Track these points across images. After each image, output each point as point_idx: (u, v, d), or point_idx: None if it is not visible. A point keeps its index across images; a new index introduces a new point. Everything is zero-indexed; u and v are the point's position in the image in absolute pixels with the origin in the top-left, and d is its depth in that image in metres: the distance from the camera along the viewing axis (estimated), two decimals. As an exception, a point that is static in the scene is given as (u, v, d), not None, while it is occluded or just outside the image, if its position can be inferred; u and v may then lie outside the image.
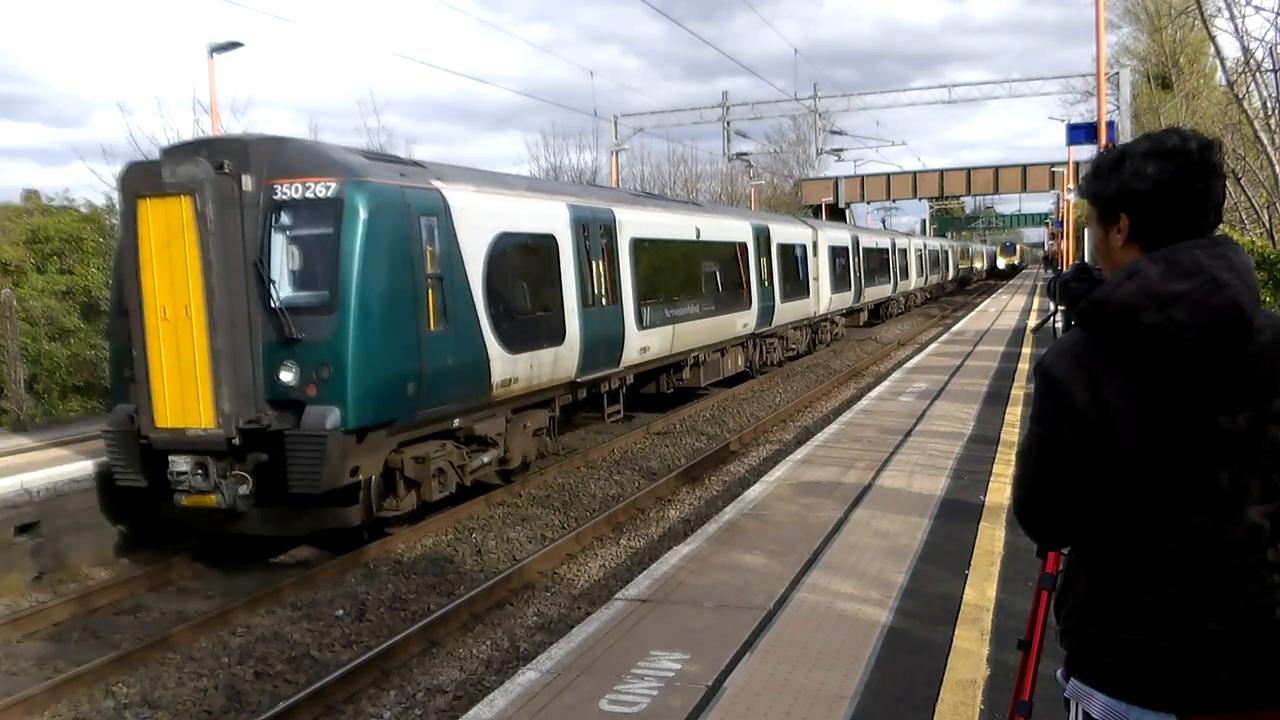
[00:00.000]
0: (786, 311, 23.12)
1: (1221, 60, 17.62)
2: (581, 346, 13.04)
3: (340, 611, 8.33)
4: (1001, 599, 5.67)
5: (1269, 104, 16.11)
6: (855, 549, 6.77)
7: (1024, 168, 53.72)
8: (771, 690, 4.56)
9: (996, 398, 13.66)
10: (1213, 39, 17.41)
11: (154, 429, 9.00)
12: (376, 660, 6.99)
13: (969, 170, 56.17)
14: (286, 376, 8.97)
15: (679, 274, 17.02)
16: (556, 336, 12.48)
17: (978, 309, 37.37)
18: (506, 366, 11.20)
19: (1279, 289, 15.07)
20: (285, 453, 8.84)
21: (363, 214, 9.17)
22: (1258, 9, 24.43)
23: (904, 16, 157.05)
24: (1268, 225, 18.82)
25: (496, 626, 7.93)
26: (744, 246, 20.44)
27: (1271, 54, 14.90)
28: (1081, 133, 19.20)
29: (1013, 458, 8.62)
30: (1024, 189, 56.37)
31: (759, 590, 5.95)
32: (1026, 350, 19.80)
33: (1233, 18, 15.08)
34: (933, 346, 22.59)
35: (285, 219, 9.19)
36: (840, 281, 29.14)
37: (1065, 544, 2.13)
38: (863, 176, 55.99)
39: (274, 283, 9.03)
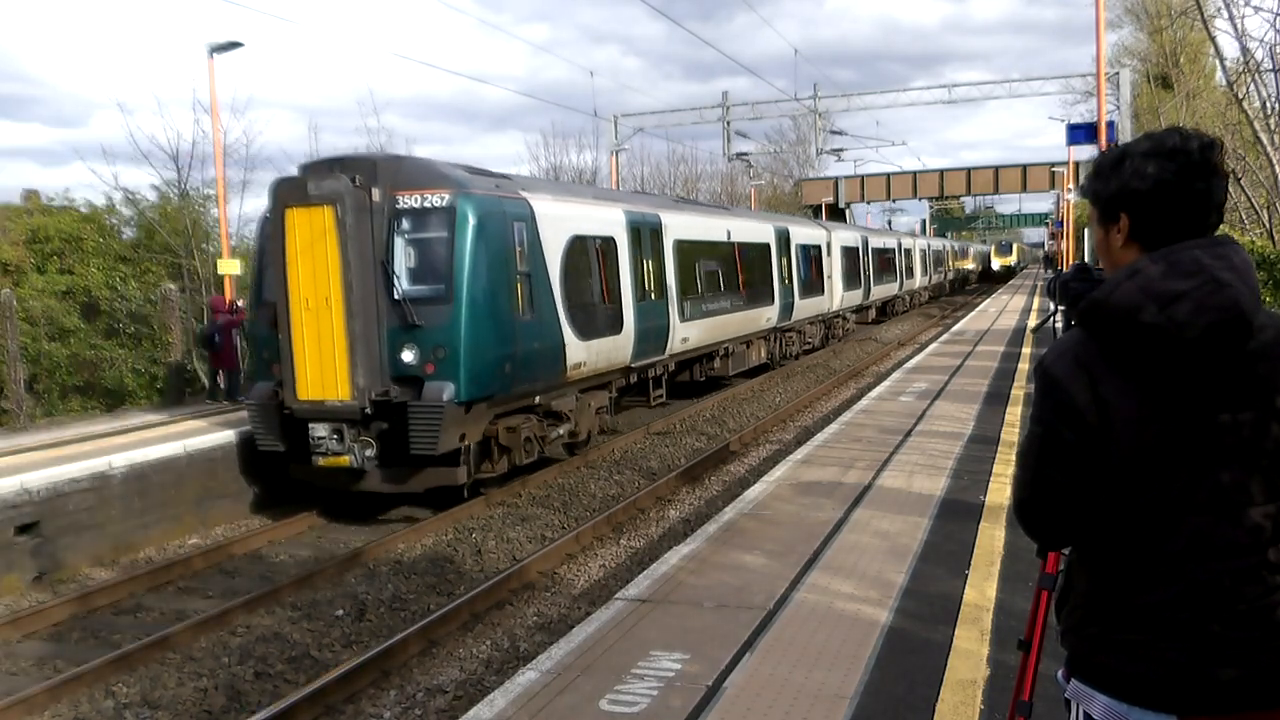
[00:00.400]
0: (804, 307, 24.84)
1: (1221, 61, 17.62)
2: (635, 335, 14.80)
3: (340, 611, 8.33)
4: (1001, 599, 5.67)
5: (1269, 104, 16.11)
6: (855, 549, 6.77)
7: (1024, 168, 53.73)
8: (771, 690, 4.56)
9: (996, 398, 13.66)
10: (1212, 39, 17.42)
11: (297, 401, 10.68)
12: (376, 660, 6.98)
13: (969, 170, 56.16)
14: (408, 357, 10.64)
15: (713, 272, 18.65)
16: (616, 326, 14.20)
17: (978, 309, 37.37)
18: (578, 351, 12.94)
19: (1279, 289, 15.07)
20: (408, 421, 10.44)
21: (471, 220, 10.89)
22: (1257, 9, 24.35)
23: (904, 16, 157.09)
24: (1268, 225, 18.82)
25: (496, 626, 7.93)
26: (767, 247, 22.12)
27: (1271, 54, 14.90)
28: (1081, 133, 19.21)
29: (1013, 458, 8.62)
30: (1024, 189, 56.37)
31: (759, 590, 5.95)
32: (1026, 350, 19.80)
33: (1232, 18, 15.09)
34: (933, 346, 22.59)
35: (406, 224, 10.89)
36: (851, 280, 30.77)
37: (1065, 544, 2.13)
38: (863, 176, 55.99)
39: (397, 277, 10.72)
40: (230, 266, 17.45)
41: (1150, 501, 1.89)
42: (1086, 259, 26.16)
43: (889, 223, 70.51)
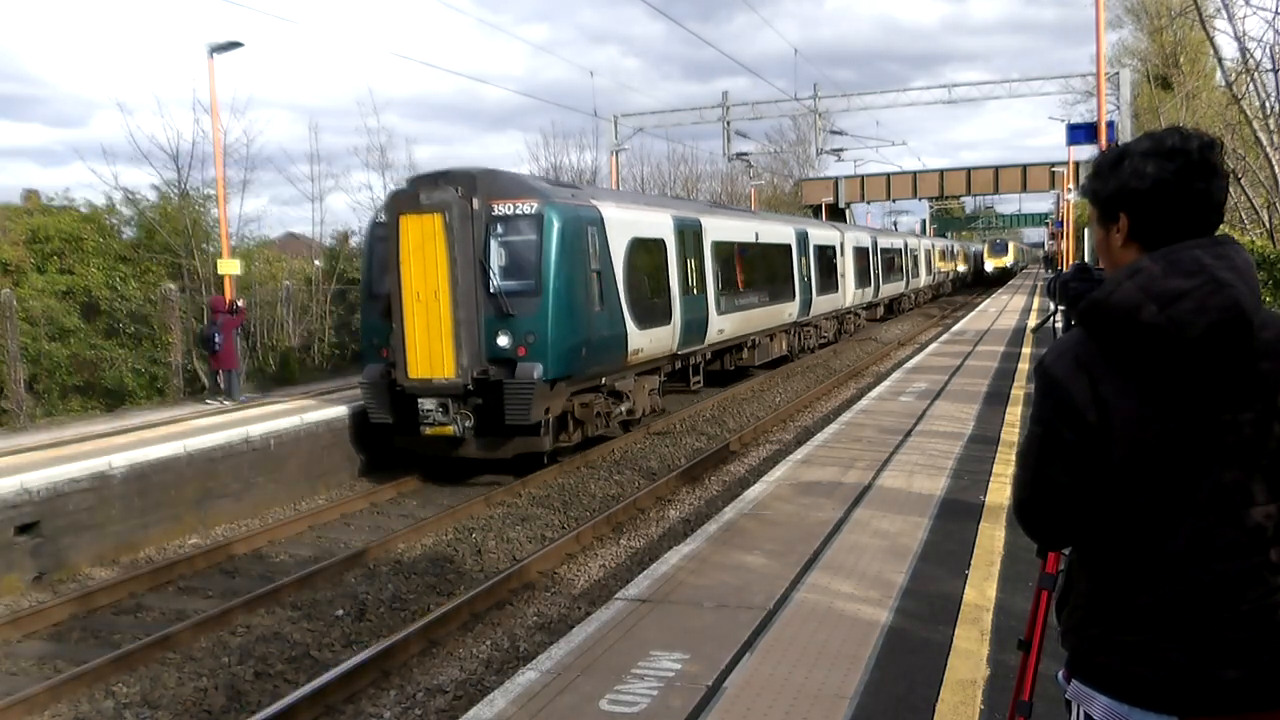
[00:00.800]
0: (821, 304, 26.70)
1: (1220, 61, 17.60)
2: (681, 326, 16.56)
3: (340, 611, 8.34)
4: (1001, 599, 5.67)
5: (1268, 104, 16.10)
6: (855, 549, 6.77)
7: (1024, 168, 53.69)
8: (771, 690, 4.55)
9: (996, 398, 13.65)
10: (1211, 40, 17.40)
11: (408, 379, 12.37)
12: (376, 660, 6.98)
13: (969, 170, 56.13)
14: (503, 341, 12.42)
15: (744, 270, 20.42)
16: (666, 317, 15.97)
17: (978, 309, 37.34)
18: (637, 339, 14.75)
19: (1279, 289, 15.05)
20: (504, 396, 12.16)
21: (556, 225, 12.66)
22: (1256, 10, 24.32)
23: (903, 16, 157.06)
24: (1268, 225, 18.80)
25: (496, 626, 7.92)
26: (789, 247, 24.06)
27: (1270, 54, 14.89)
28: (1081, 133, 19.19)
29: (1013, 458, 8.62)
30: (1024, 189, 56.34)
31: (759, 590, 5.95)
32: (1026, 350, 19.79)
33: (1231, 18, 15.08)
34: (933, 346, 22.58)
35: (500, 229, 12.65)
36: (862, 278, 32.64)
37: (1065, 544, 2.12)
38: (863, 176, 55.95)
39: (493, 274, 12.48)
40: (230, 266, 17.43)
41: (1151, 502, 1.89)
42: (1086, 259, 26.18)
43: (894, 224, 70.74)
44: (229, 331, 15.58)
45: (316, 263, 25.39)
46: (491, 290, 12.41)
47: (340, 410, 13.75)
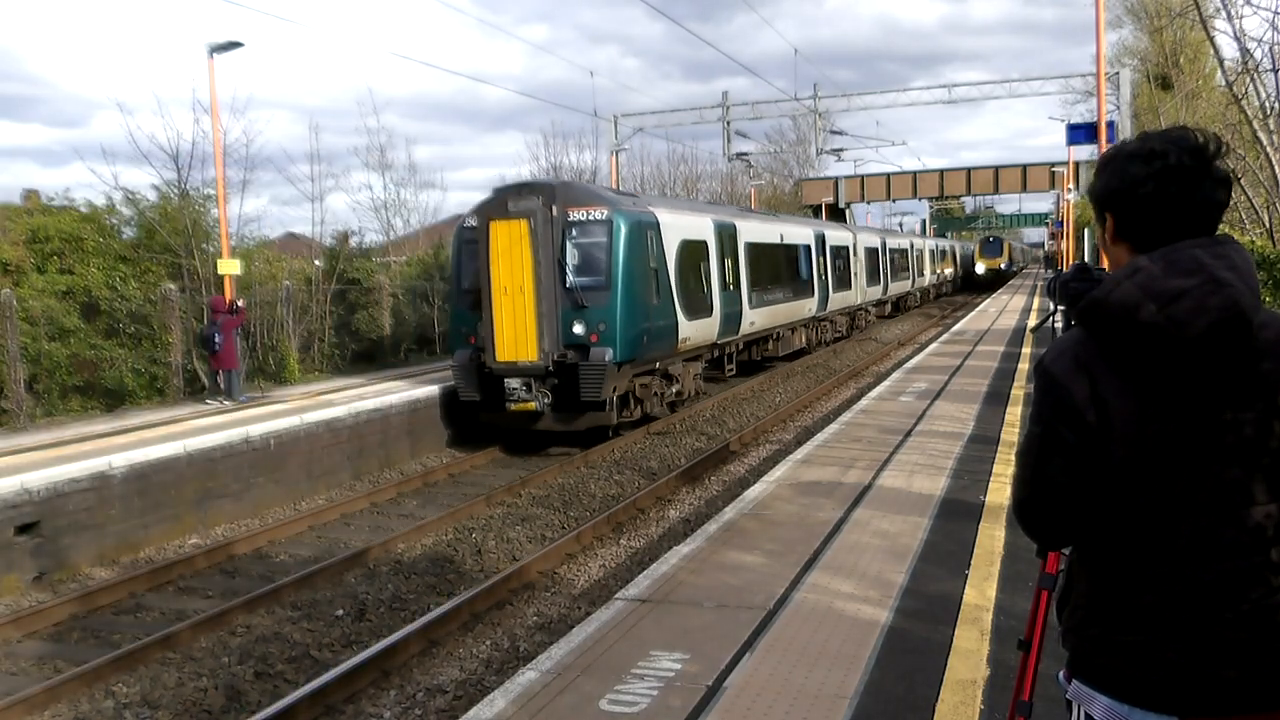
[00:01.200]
0: (836, 300, 28.77)
1: (1220, 61, 17.59)
2: (720, 318, 18.53)
3: (340, 611, 8.34)
4: (1001, 599, 5.67)
5: (1268, 104, 16.09)
6: (855, 549, 6.77)
7: (1024, 168, 53.65)
8: (771, 690, 4.55)
9: (996, 397, 13.65)
10: (1211, 40, 17.40)
11: (496, 362, 14.37)
12: (376, 660, 6.98)
13: (969, 170, 56.08)
14: (578, 329, 14.31)
15: (772, 268, 22.54)
16: (708, 310, 17.94)
17: (978, 309, 37.34)
18: (686, 329, 16.77)
19: (1279, 289, 15.04)
20: (579, 377, 14.04)
21: (624, 229, 14.64)
22: (1255, 9, 24.31)
23: (903, 16, 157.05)
24: (1268, 225, 18.79)
25: (496, 626, 7.92)
26: (809, 248, 26.13)
27: (1270, 54, 14.89)
28: (1081, 133, 19.20)
29: (1013, 458, 8.61)
30: (1024, 189, 56.28)
31: (759, 590, 5.95)
32: (1026, 350, 19.79)
33: (1230, 18, 15.08)
34: (933, 346, 22.58)
35: (575, 232, 14.50)
36: (873, 277, 34.89)
37: (1065, 544, 2.12)
38: (863, 176, 55.91)
39: (569, 271, 14.35)
40: (230, 266, 17.42)
41: (1151, 501, 1.89)
42: (1086, 258, 26.19)
43: (900, 224, 70.80)
44: (229, 332, 15.56)
45: (316, 263, 25.37)
46: (568, 285, 14.31)
47: (339, 411, 13.77)
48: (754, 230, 21.61)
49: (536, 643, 7.37)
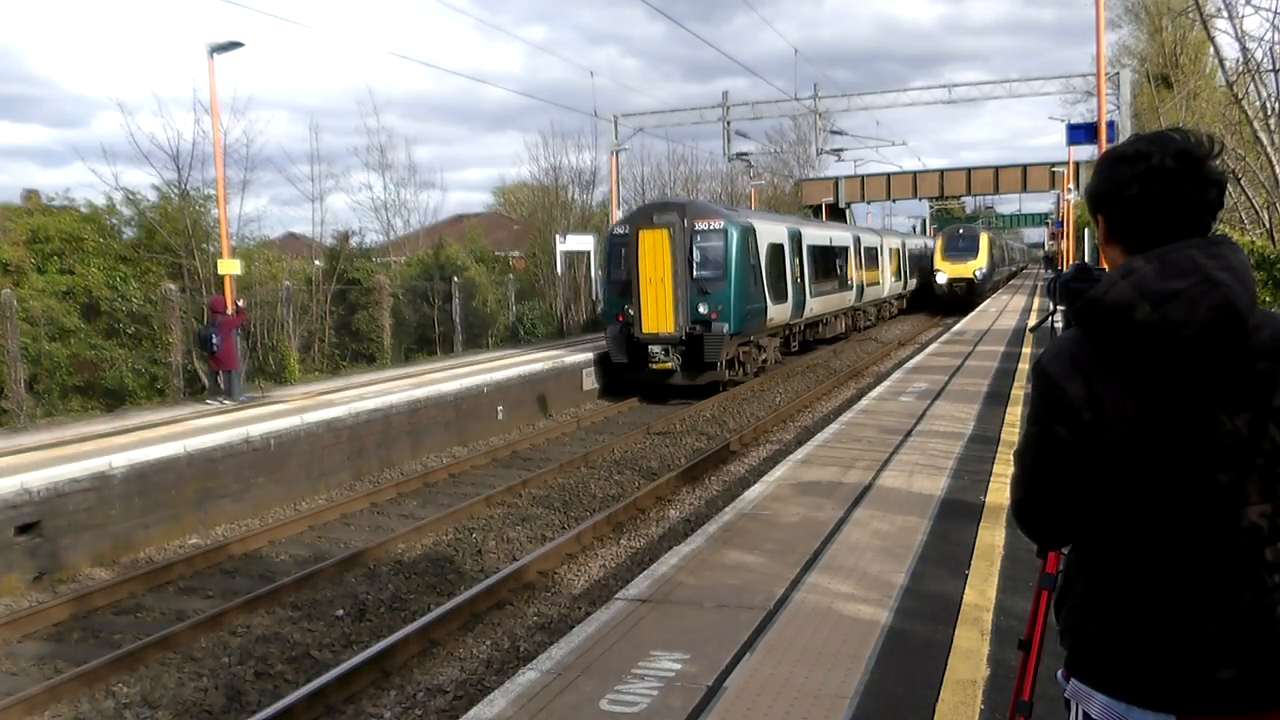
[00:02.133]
0: (869, 293, 34.06)
1: (1221, 61, 17.57)
2: (792, 304, 23.76)
3: (340, 611, 8.34)
4: (1001, 599, 5.67)
5: (1269, 104, 16.07)
6: (855, 549, 6.77)
7: (1024, 168, 53.56)
8: (771, 690, 4.56)
9: (996, 398, 13.65)
10: (1212, 40, 17.37)
11: (642, 333, 19.51)
12: (376, 660, 6.98)
13: (969, 170, 55.96)
14: (702, 309, 19.32)
15: (824, 265, 27.66)
16: (785, 297, 23.14)
17: (978, 309, 37.33)
18: (772, 311, 21.94)
19: (1279, 289, 15.03)
20: (704, 344, 19.04)
21: (735, 235, 19.83)
22: (1256, 9, 24.28)
23: (902, 16, 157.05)
24: (1268, 225, 18.78)
25: (496, 626, 7.92)
26: (848, 248, 31.14)
27: (1271, 54, 14.87)
28: (1081, 133, 19.18)
29: (1012, 458, 8.61)
30: (1024, 189, 56.16)
31: (759, 590, 5.95)
32: (1026, 350, 19.79)
33: (1232, 18, 15.05)
34: (933, 346, 22.58)
35: (700, 238, 19.67)
36: (897, 273, 40.06)
37: (1063, 543, 2.13)
38: (863, 176, 55.81)
39: (696, 267, 19.52)
40: (231, 267, 17.41)
41: (1147, 501, 1.90)
42: (1087, 258, 26.13)
43: (915, 227, 71.35)
44: (227, 332, 15.55)
45: (317, 263, 25.39)
46: (694, 277, 19.44)
47: (338, 411, 13.78)
48: (813, 235, 26.89)
49: (536, 643, 7.37)
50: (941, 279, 41.93)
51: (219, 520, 11.46)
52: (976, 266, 42.03)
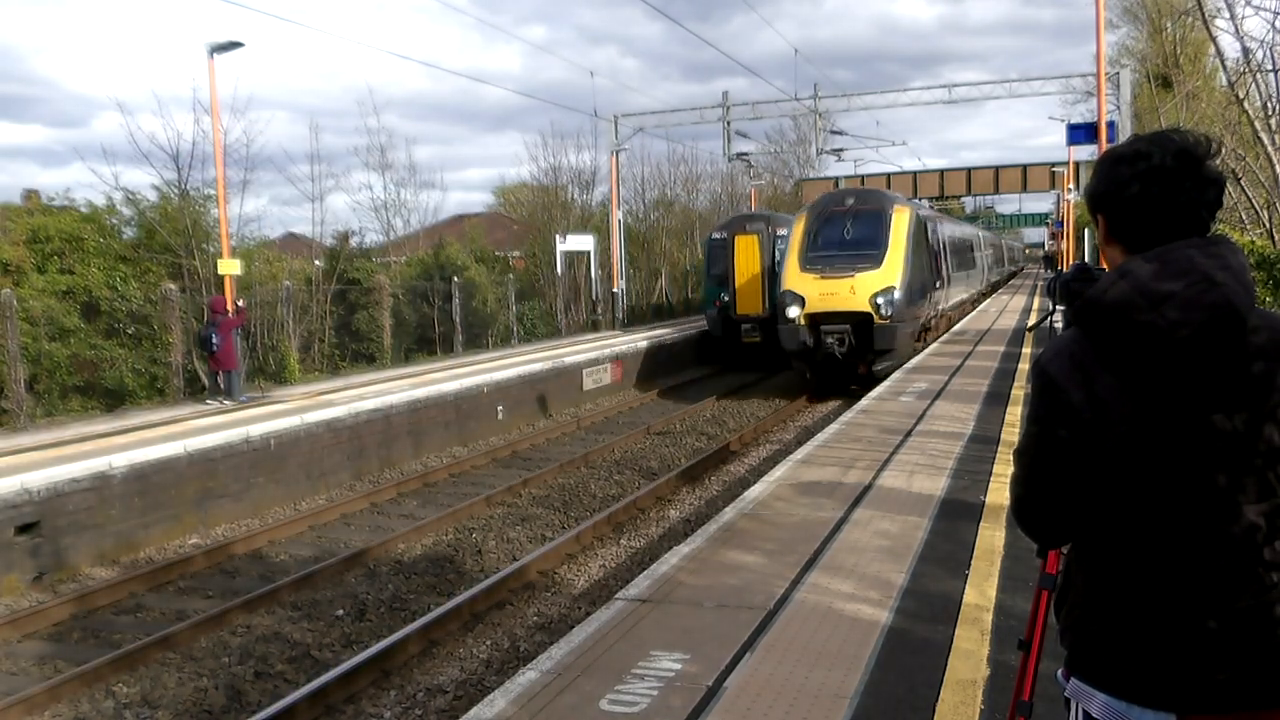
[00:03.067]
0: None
1: (1222, 61, 17.57)
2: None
3: (340, 611, 8.34)
4: (1001, 599, 5.67)
5: (1269, 104, 16.07)
6: (855, 549, 6.77)
7: (1024, 168, 53.46)
8: (771, 690, 4.56)
9: (996, 398, 13.65)
10: (1213, 39, 17.36)
11: (737, 314, 24.12)
12: (376, 660, 6.99)
13: (969, 170, 55.81)
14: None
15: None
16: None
17: (978, 309, 37.32)
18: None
19: (1279, 289, 15.03)
20: (778, 324, 20.44)
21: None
22: (1257, 9, 24.38)
23: (902, 16, 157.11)
24: (1268, 225, 18.78)
25: (496, 626, 7.93)
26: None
27: (1271, 54, 14.88)
28: (1081, 133, 19.17)
29: (1012, 458, 8.60)
30: (1024, 189, 55.98)
31: (759, 590, 5.95)
32: (1026, 350, 19.78)
33: (1233, 18, 15.05)
34: (933, 346, 22.57)
35: (779, 242, 22.87)
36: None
37: (1063, 543, 2.13)
38: (863, 177, 55.65)
39: (776, 265, 22.28)
40: (230, 266, 17.40)
41: (1146, 500, 1.90)
42: (1087, 258, 26.10)
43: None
44: (227, 332, 15.55)
45: (317, 263, 25.39)
46: (774, 271, 22.58)
47: (338, 411, 13.78)
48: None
49: (536, 643, 7.38)
50: (794, 313, 19.13)
51: (219, 520, 11.47)
52: (876, 287, 19.04)
